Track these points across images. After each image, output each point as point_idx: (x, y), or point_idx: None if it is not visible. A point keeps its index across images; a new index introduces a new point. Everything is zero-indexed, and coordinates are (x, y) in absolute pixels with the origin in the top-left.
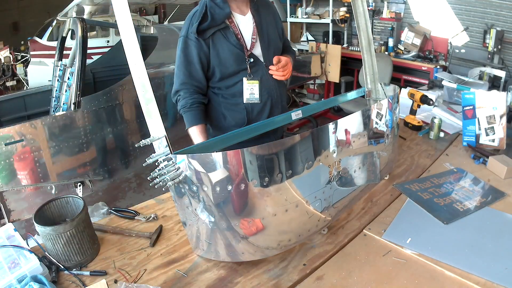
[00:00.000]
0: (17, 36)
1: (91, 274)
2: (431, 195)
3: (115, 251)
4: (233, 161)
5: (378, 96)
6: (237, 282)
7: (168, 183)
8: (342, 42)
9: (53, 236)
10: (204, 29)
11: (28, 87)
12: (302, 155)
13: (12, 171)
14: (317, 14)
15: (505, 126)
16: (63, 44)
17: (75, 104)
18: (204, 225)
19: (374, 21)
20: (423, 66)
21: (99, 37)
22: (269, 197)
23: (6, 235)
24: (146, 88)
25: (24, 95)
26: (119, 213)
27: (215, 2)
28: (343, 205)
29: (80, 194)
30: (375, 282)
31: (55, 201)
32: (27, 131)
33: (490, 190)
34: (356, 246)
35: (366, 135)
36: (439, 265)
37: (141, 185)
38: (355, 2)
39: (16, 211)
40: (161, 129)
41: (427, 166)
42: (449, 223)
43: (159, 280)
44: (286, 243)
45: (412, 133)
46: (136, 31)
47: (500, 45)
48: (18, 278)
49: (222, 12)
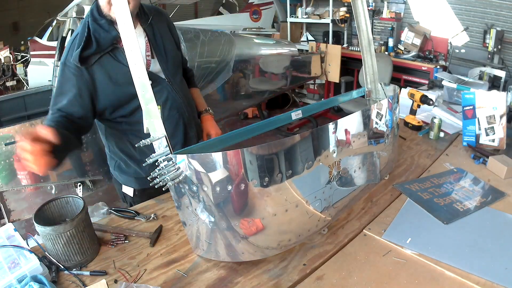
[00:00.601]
0: (17, 36)
1: (91, 274)
2: (431, 195)
3: (115, 251)
4: (233, 161)
5: (378, 96)
6: (237, 282)
7: (168, 183)
8: (342, 42)
9: (53, 236)
10: (87, 56)
11: (28, 87)
12: (302, 155)
13: (12, 171)
14: (317, 14)
15: (505, 126)
16: (63, 44)
17: None
18: (204, 225)
19: (374, 21)
20: (423, 66)
21: None
22: (269, 197)
23: (6, 235)
24: (146, 88)
25: (24, 95)
26: (119, 213)
27: (99, 23)
28: (343, 205)
29: (80, 194)
30: (375, 282)
31: (55, 201)
32: (27, 131)
33: (490, 190)
34: (356, 246)
35: (366, 135)
36: (439, 265)
37: None
38: (355, 2)
39: (16, 211)
40: (161, 129)
41: (427, 166)
42: (449, 223)
43: (159, 280)
44: (286, 243)
45: (412, 133)
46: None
47: (500, 45)
48: (18, 278)
49: (108, 36)
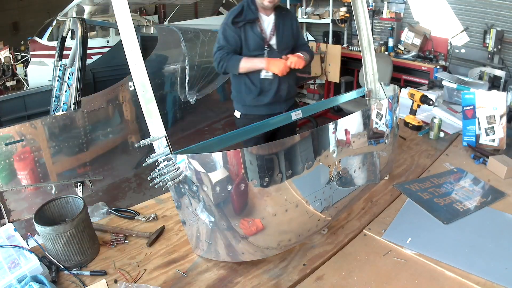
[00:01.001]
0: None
1: (91, 274)
2: (431, 195)
3: (115, 251)
4: (233, 161)
5: (378, 96)
6: (237, 282)
7: (168, 183)
8: (342, 42)
9: (53, 236)
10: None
11: (28, 87)
12: (302, 155)
13: (12, 171)
14: (317, 14)
15: (505, 126)
16: (63, 44)
17: (75, 104)
18: (204, 225)
19: (374, 21)
20: (423, 66)
21: (99, 37)
22: (269, 197)
23: (6, 235)
24: (146, 88)
25: (24, 95)
26: (119, 213)
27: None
28: (343, 205)
29: (80, 194)
30: (375, 282)
31: (55, 201)
32: (27, 131)
33: (490, 190)
34: (356, 246)
35: (366, 135)
36: (439, 265)
37: (141, 185)
38: (355, 2)
39: (16, 211)
40: (161, 129)
41: (427, 166)
42: (449, 223)
43: (159, 280)
44: (286, 243)
45: (412, 133)
46: (136, 31)
47: (500, 45)
48: (18, 278)
49: (252, 15)
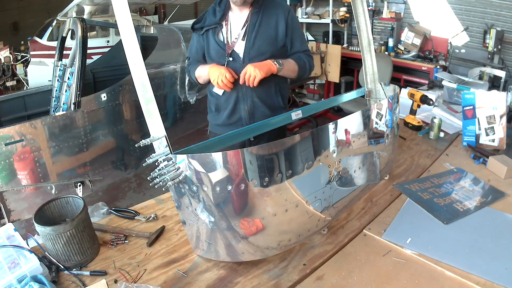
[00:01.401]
0: (17, 36)
1: (91, 274)
2: (431, 195)
3: (115, 251)
4: (233, 161)
5: (378, 96)
6: (237, 282)
7: (168, 183)
8: (342, 42)
9: (53, 236)
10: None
11: (28, 87)
12: (302, 155)
13: (12, 171)
14: (317, 14)
15: (505, 126)
16: (63, 44)
17: (75, 104)
18: (204, 225)
19: (374, 21)
20: (423, 66)
21: (99, 37)
22: (269, 197)
23: (6, 235)
24: (146, 88)
25: (24, 95)
26: (119, 213)
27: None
28: (343, 205)
29: (80, 194)
30: (375, 282)
31: (55, 201)
32: (27, 131)
33: (490, 190)
34: (356, 246)
35: (366, 135)
36: (439, 265)
37: (141, 185)
38: (355, 2)
39: (16, 211)
40: (161, 129)
41: (427, 166)
42: (449, 223)
43: (159, 280)
44: (286, 243)
45: (412, 133)
46: (136, 31)
47: (500, 45)
48: (18, 278)
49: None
